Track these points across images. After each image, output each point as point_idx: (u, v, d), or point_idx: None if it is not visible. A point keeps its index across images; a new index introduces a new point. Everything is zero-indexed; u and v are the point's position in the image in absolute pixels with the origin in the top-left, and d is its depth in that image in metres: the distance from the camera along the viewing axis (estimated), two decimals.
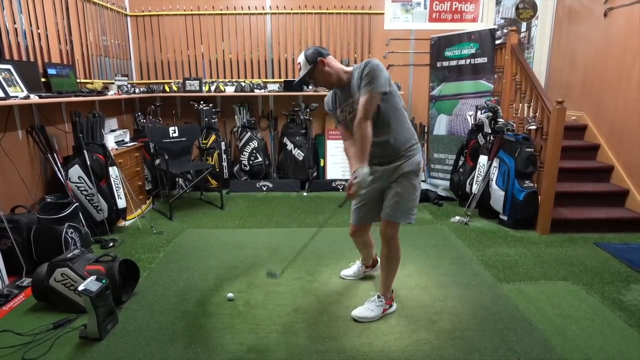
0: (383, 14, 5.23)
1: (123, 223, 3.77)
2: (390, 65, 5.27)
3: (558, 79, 4.93)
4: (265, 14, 5.18)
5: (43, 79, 3.40)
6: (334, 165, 5.26)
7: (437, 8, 5.32)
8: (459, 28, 5.09)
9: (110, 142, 3.87)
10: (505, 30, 5.23)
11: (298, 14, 5.18)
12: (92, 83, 4.06)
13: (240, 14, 5.17)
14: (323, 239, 3.41)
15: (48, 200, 3.03)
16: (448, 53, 4.95)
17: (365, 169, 2.02)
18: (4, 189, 2.99)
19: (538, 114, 3.80)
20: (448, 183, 4.78)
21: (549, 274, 2.82)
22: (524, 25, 5.35)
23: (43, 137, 3.27)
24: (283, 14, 5.18)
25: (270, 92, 5.11)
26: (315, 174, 5.25)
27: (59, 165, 3.32)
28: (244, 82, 5.09)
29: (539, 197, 3.61)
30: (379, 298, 2.27)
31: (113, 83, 4.35)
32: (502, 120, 3.92)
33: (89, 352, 1.98)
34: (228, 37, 5.22)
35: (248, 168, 5.14)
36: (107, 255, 2.43)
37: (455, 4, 5.30)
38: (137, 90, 4.69)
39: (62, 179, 3.29)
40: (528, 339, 2.07)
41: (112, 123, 4.24)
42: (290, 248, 3.23)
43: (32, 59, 3.34)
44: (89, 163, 3.32)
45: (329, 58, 2.10)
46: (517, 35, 4.49)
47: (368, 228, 2.44)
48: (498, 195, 3.74)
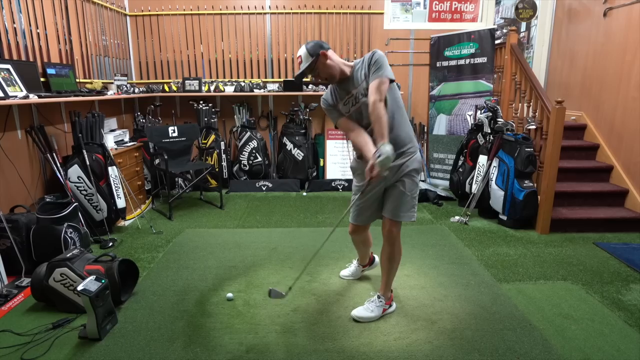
0: (383, 14, 5.23)
1: (122, 223, 3.77)
2: (390, 65, 5.23)
3: (557, 79, 4.94)
4: (265, 14, 5.18)
5: (42, 79, 3.40)
6: (334, 165, 5.26)
7: (436, 8, 5.32)
8: (459, 28, 5.09)
9: (110, 141, 3.87)
10: (505, 30, 5.24)
11: (298, 14, 5.18)
12: (91, 83, 4.06)
13: (240, 14, 5.17)
14: (322, 239, 3.40)
15: (47, 200, 3.02)
16: (448, 53, 4.95)
17: (389, 146, 1.87)
18: (3, 189, 2.99)
19: (537, 114, 3.80)
20: (448, 183, 4.78)
21: (549, 274, 2.82)
22: (524, 25, 5.35)
23: (42, 137, 3.27)
24: (283, 14, 5.18)
25: (270, 92, 5.11)
26: (315, 174, 5.25)
27: (58, 165, 3.32)
28: (244, 82, 5.09)
29: (539, 196, 3.61)
30: (379, 298, 2.27)
31: (112, 83, 4.35)
32: (501, 120, 3.92)
33: (88, 352, 1.98)
34: (227, 37, 5.22)
35: (247, 168, 5.14)
36: (106, 255, 2.42)
37: (455, 4, 5.30)
38: (136, 90, 4.69)
39: (61, 179, 3.29)
40: (527, 339, 2.07)
41: (111, 123, 4.23)
42: (290, 248, 3.23)
43: (31, 59, 3.34)
44: (89, 163, 3.33)
45: (330, 51, 2.09)
46: (516, 35, 4.49)
47: (368, 227, 2.43)
48: (497, 195, 3.74)
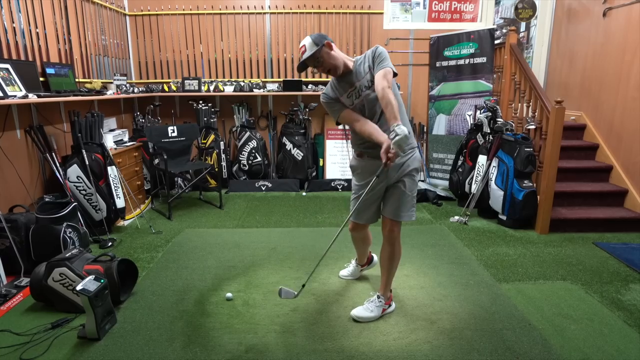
0: (382, 14, 5.23)
1: (122, 223, 3.77)
2: None
3: (557, 79, 4.94)
4: (265, 14, 5.18)
5: (41, 79, 3.40)
6: (333, 165, 5.26)
7: (436, 8, 5.32)
8: (458, 28, 5.09)
9: (109, 141, 3.87)
10: (505, 30, 5.24)
11: (297, 14, 5.18)
12: (90, 82, 4.06)
13: (240, 14, 5.17)
14: (322, 239, 3.42)
15: (46, 200, 3.02)
16: (447, 53, 4.95)
17: (404, 127, 1.81)
18: (2, 189, 2.99)
19: (537, 114, 3.80)
20: (447, 183, 4.78)
21: (548, 274, 2.82)
22: (523, 25, 5.35)
23: (41, 136, 3.26)
24: (282, 14, 5.18)
25: (269, 91, 5.11)
26: (315, 174, 5.25)
27: (58, 165, 3.32)
28: (243, 81, 5.09)
29: (538, 196, 3.62)
30: (379, 298, 2.27)
31: (112, 82, 4.35)
32: (501, 120, 3.92)
33: (87, 352, 1.98)
34: (227, 36, 5.21)
35: (247, 168, 5.14)
36: (105, 255, 2.42)
37: (455, 4, 5.30)
38: (136, 90, 4.69)
39: (60, 179, 3.29)
40: (527, 339, 2.07)
41: (110, 122, 4.23)
42: (290, 248, 3.23)
43: (30, 59, 3.34)
44: (88, 163, 3.32)
45: (333, 44, 2.12)
46: (516, 35, 4.50)
47: (368, 225, 2.43)
48: (497, 195, 3.74)
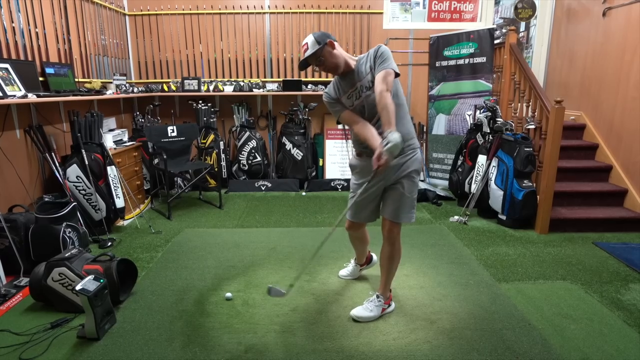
0: (382, 14, 5.23)
1: (121, 222, 3.76)
2: None
3: (557, 79, 4.94)
4: (264, 14, 5.18)
5: (41, 78, 3.40)
6: (333, 165, 5.26)
7: (436, 8, 5.32)
8: (458, 28, 5.09)
9: (109, 141, 3.87)
10: (504, 30, 5.24)
11: (297, 14, 5.17)
12: (90, 82, 4.06)
13: (239, 14, 5.16)
14: (321, 239, 3.40)
15: (46, 200, 3.01)
16: (447, 53, 4.95)
17: (397, 134, 1.83)
18: (2, 189, 2.98)
19: (537, 114, 3.80)
20: (447, 183, 4.78)
21: (548, 274, 2.82)
22: (523, 25, 5.35)
23: (41, 136, 3.26)
24: (282, 14, 5.17)
25: (269, 91, 5.10)
26: (314, 174, 5.25)
27: (57, 165, 3.31)
28: (243, 81, 5.09)
29: (538, 196, 3.62)
30: (378, 298, 2.27)
31: (111, 82, 4.35)
32: (500, 120, 3.92)
33: (87, 352, 1.97)
34: (227, 36, 5.21)
35: (247, 168, 5.14)
36: (105, 255, 2.42)
37: (454, 4, 5.30)
38: (135, 90, 4.69)
39: (60, 179, 3.28)
40: (526, 339, 2.07)
41: (110, 122, 4.23)
42: (289, 247, 3.23)
43: (30, 58, 3.34)
44: (87, 162, 3.32)
45: (336, 43, 2.10)
46: (515, 35, 4.50)
47: (364, 224, 2.43)
48: (497, 195, 3.74)
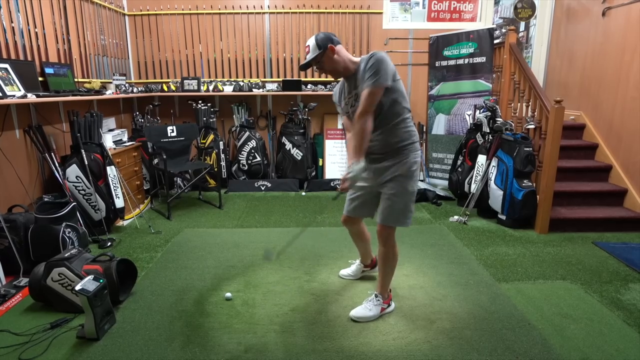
0: (382, 14, 5.23)
1: (121, 223, 3.76)
2: None
3: (556, 79, 4.94)
4: (264, 14, 5.18)
5: (40, 78, 3.39)
6: (333, 165, 5.26)
7: (435, 7, 5.31)
8: (458, 27, 5.09)
9: (108, 141, 3.87)
10: (504, 30, 5.23)
11: (297, 14, 5.17)
12: (90, 82, 4.05)
13: (239, 14, 5.16)
14: (321, 239, 3.41)
15: (45, 200, 3.01)
16: (446, 52, 4.95)
17: (360, 165, 2.03)
18: (1, 189, 2.98)
19: (536, 114, 3.80)
20: (447, 182, 4.78)
21: (548, 274, 2.82)
22: (523, 25, 5.35)
23: (40, 136, 3.26)
24: (282, 14, 5.17)
25: (269, 91, 5.10)
26: (314, 174, 5.25)
27: (57, 165, 3.31)
28: (243, 81, 5.08)
29: (538, 196, 3.61)
30: (377, 297, 2.27)
31: (111, 82, 4.34)
32: (500, 120, 3.92)
33: (86, 352, 1.97)
34: (226, 36, 5.21)
35: (246, 168, 5.14)
36: (104, 255, 2.42)
37: (454, 4, 5.30)
38: (135, 90, 4.69)
39: (59, 179, 3.28)
40: (526, 338, 2.07)
41: (110, 122, 4.23)
42: (289, 247, 3.22)
43: (29, 58, 3.33)
44: (87, 162, 3.32)
45: (339, 47, 2.07)
46: (515, 35, 4.50)
47: (360, 220, 2.45)
48: (496, 195, 3.74)
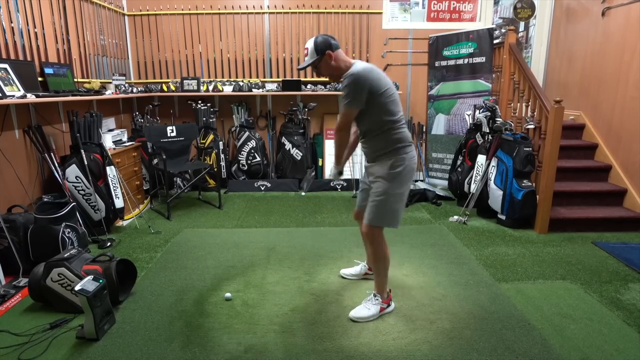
0: (381, 14, 5.23)
1: (120, 223, 3.76)
2: (389, 65, 5.27)
3: (556, 79, 4.94)
4: (264, 14, 5.18)
5: (40, 79, 3.39)
6: (333, 165, 5.25)
7: (435, 8, 5.31)
8: (457, 27, 5.09)
9: (108, 141, 3.86)
10: (504, 30, 5.23)
11: (296, 14, 5.17)
12: (89, 82, 4.05)
13: (239, 14, 5.16)
14: (321, 239, 3.41)
15: (45, 200, 3.01)
16: (446, 52, 4.95)
17: (336, 170, 2.37)
18: (1, 189, 2.98)
19: (536, 114, 3.80)
20: (446, 182, 4.79)
21: (547, 273, 2.82)
22: (522, 25, 5.35)
23: (40, 136, 3.26)
24: (281, 14, 5.17)
25: (269, 91, 5.10)
26: (314, 174, 5.25)
27: (56, 165, 3.31)
28: (242, 81, 5.08)
29: (537, 196, 3.61)
30: (375, 296, 2.27)
31: (111, 82, 4.34)
32: (500, 120, 3.92)
33: (86, 352, 1.97)
34: (226, 36, 5.21)
35: (246, 168, 5.14)
36: (104, 255, 2.42)
37: (454, 4, 5.30)
38: (134, 90, 4.68)
39: (59, 179, 3.28)
40: (526, 338, 2.07)
41: (109, 122, 4.23)
42: (288, 247, 3.23)
43: (29, 58, 3.33)
44: (87, 163, 3.31)
45: (338, 52, 2.08)
46: (515, 35, 4.50)
47: None
48: (496, 195, 3.74)
